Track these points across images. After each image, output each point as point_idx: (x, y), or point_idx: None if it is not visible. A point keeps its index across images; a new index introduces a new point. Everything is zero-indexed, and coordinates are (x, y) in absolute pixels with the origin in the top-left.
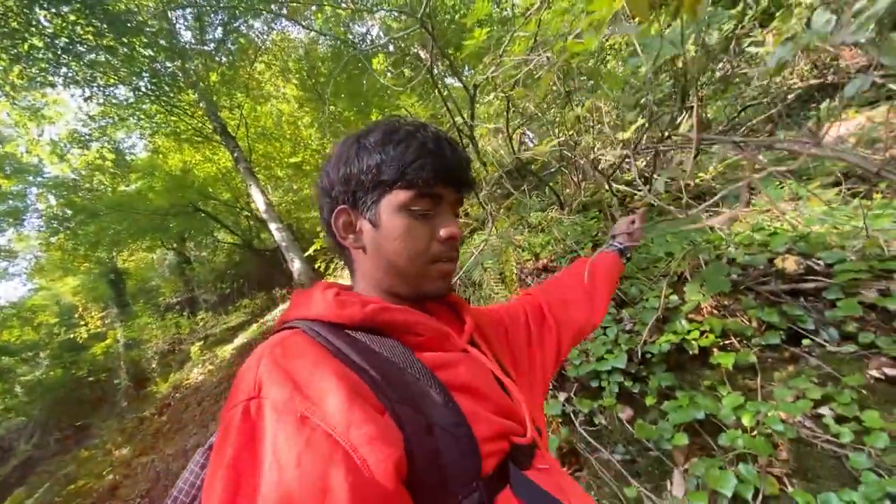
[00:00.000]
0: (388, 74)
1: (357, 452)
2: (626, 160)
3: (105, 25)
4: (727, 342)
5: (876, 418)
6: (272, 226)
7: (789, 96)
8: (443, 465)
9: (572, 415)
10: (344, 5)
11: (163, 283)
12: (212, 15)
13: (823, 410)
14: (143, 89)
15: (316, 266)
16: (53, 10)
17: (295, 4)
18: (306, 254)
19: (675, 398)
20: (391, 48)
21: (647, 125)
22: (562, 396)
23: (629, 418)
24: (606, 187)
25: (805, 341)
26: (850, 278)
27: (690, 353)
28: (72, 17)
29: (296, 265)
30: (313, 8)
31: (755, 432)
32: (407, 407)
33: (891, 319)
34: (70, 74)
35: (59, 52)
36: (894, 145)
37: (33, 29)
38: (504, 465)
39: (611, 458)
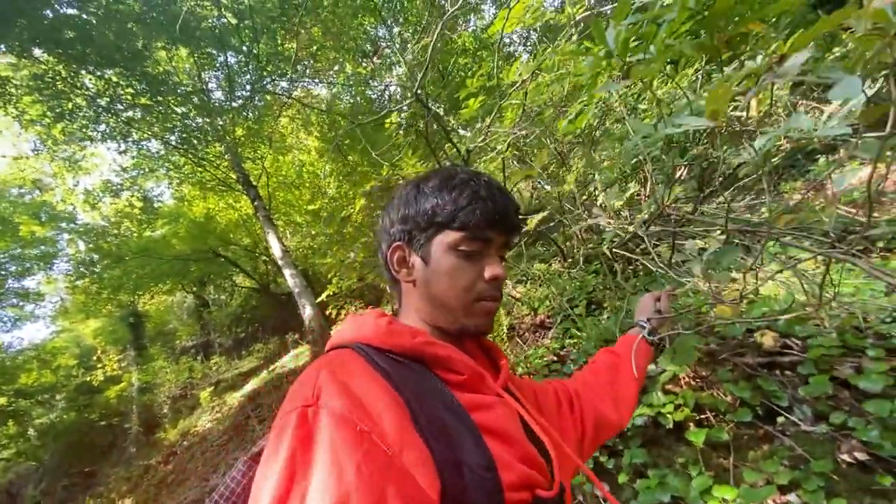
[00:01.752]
0: (400, 132)
1: (409, 473)
2: (635, 237)
3: (143, 86)
4: (703, 416)
5: None
6: (287, 272)
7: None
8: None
9: None
10: (364, 64)
11: (180, 325)
12: (241, 75)
13: (791, 497)
14: (174, 143)
15: (327, 312)
16: (98, 73)
17: (319, 66)
18: (318, 300)
19: (647, 476)
20: (404, 110)
21: (650, 198)
22: None
23: (603, 497)
24: (606, 252)
25: (780, 419)
26: (822, 353)
27: (666, 427)
28: (114, 79)
29: (307, 311)
30: (336, 68)
31: None
32: (440, 442)
33: (864, 399)
34: (108, 130)
35: (99, 110)
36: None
37: (77, 90)
38: None
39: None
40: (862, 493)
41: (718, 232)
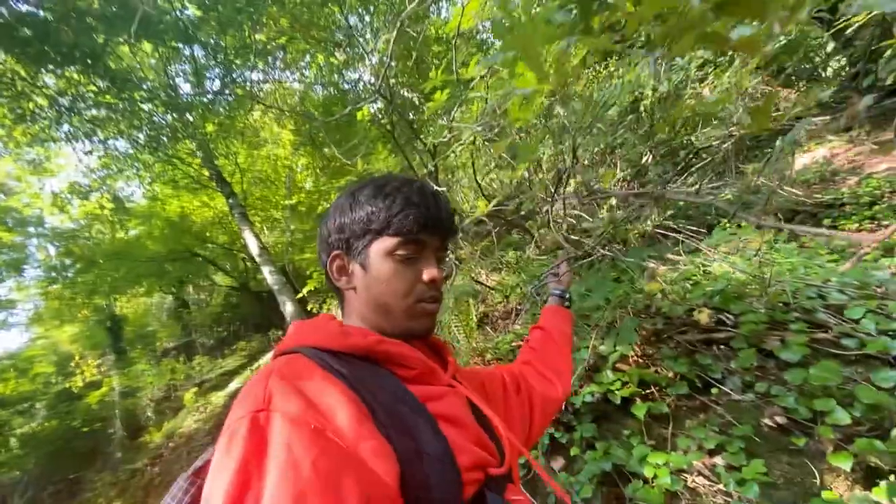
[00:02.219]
0: (371, 125)
1: (366, 465)
2: (576, 208)
3: (107, 83)
4: (647, 391)
5: (759, 466)
6: (265, 269)
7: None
8: (430, 489)
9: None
10: (336, 55)
11: (160, 327)
12: (209, 69)
13: (718, 459)
14: (142, 141)
15: (308, 308)
16: (58, 72)
17: (290, 57)
18: (298, 296)
19: (594, 448)
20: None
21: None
22: None
23: (561, 468)
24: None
25: (714, 390)
26: (751, 329)
27: (615, 403)
28: (75, 77)
29: (288, 308)
30: (308, 58)
31: (654, 483)
32: (400, 433)
33: (785, 368)
34: (72, 130)
35: (61, 110)
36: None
37: (38, 89)
38: (481, 493)
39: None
40: (780, 452)
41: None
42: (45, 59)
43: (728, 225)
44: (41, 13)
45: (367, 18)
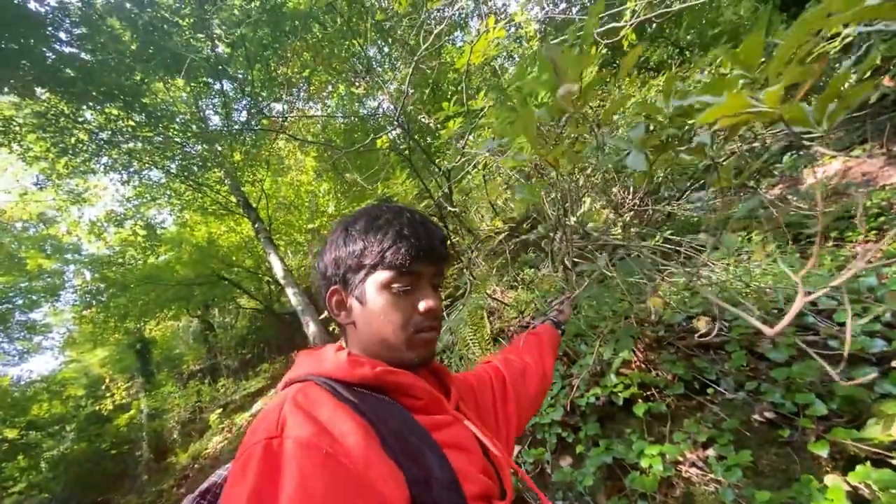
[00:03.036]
0: (390, 154)
1: (375, 488)
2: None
3: (143, 117)
4: (648, 393)
5: (747, 456)
6: (289, 291)
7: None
8: None
9: (523, 465)
10: (357, 84)
11: (187, 350)
12: (237, 102)
13: (710, 451)
14: (174, 170)
15: (330, 328)
16: (98, 109)
17: (312, 88)
18: (321, 317)
19: (598, 446)
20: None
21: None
22: (515, 448)
23: (568, 465)
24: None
25: (710, 390)
26: (740, 333)
27: (618, 404)
28: (115, 113)
29: (311, 328)
30: (329, 88)
31: (650, 473)
32: (409, 460)
33: (774, 367)
34: (109, 162)
35: (101, 144)
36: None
37: (79, 125)
38: None
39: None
40: (769, 444)
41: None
42: (87, 97)
43: (741, 238)
44: (83, 55)
45: (386, 49)
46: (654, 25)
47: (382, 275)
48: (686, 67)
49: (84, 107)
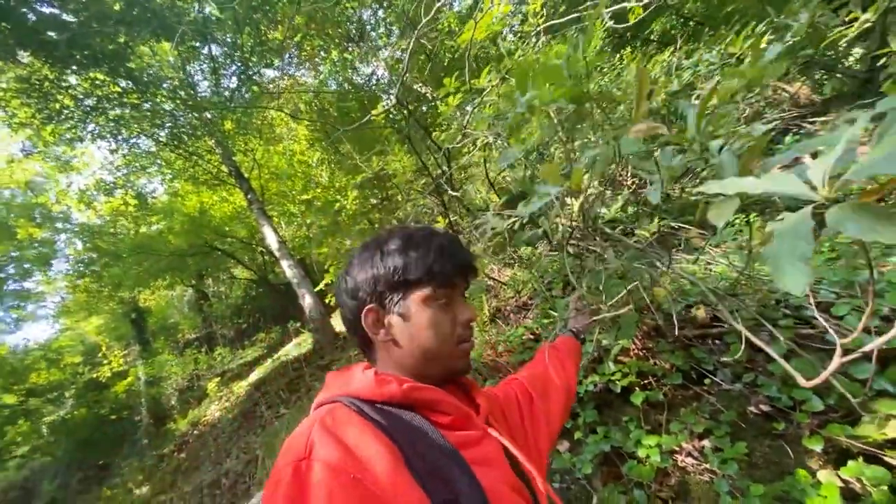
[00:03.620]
0: (388, 123)
1: None
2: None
3: (129, 83)
4: (646, 381)
5: (742, 448)
6: (284, 263)
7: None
8: None
9: None
10: (350, 49)
11: (182, 319)
12: (227, 67)
13: (706, 442)
14: (164, 139)
15: (326, 300)
16: (83, 73)
17: (304, 53)
18: (317, 289)
19: (596, 433)
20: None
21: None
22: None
23: (566, 450)
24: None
25: (707, 381)
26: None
27: (615, 391)
28: (100, 78)
29: (307, 300)
30: (322, 54)
31: (647, 463)
32: (435, 482)
33: (771, 361)
34: (97, 129)
35: (87, 110)
36: None
37: (63, 91)
38: None
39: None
40: (763, 437)
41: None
42: (71, 62)
43: (735, 223)
44: (65, 16)
45: (381, 13)
46: None
47: (426, 290)
48: (691, 43)
49: (68, 71)
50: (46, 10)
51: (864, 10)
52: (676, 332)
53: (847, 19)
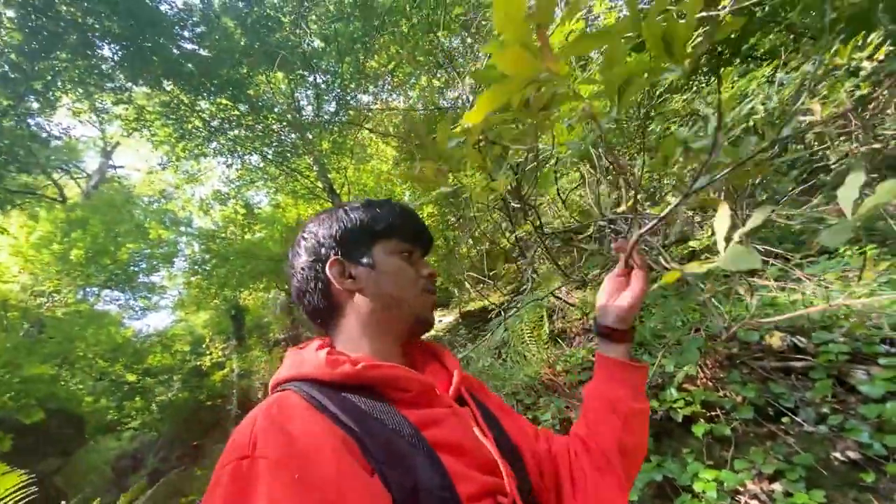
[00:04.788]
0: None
1: None
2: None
3: (247, 107)
4: (713, 413)
5: (819, 497)
6: None
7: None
8: None
9: None
10: (438, 76)
11: (274, 320)
12: (328, 93)
13: (776, 486)
14: (271, 156)
15: None
16: (211, 99)
17: (397, 80)
18: None
19: (650, 461)
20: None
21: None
22: None
23: None
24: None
25: (785, 419)
26: (828, 359)
27: (676, 420)
28: (224, 103)
29: None
30: (412, 80)
31: (703, 499)
32: (393, 469)
33: (865, 402)
34: (218, 147)
35: (212, 130)
36: None
37: (196, 114)
38: None
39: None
40: (847, 487)
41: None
42: (203, 89)
43: (843, 254)
44: (201, 51)
45: (469, 40)
46: (766, 7)
47: (393, 241)
48: (794, 56)
49: (200, 97)
50: (188, 45)
51: None
52: (752, 363)
53: None
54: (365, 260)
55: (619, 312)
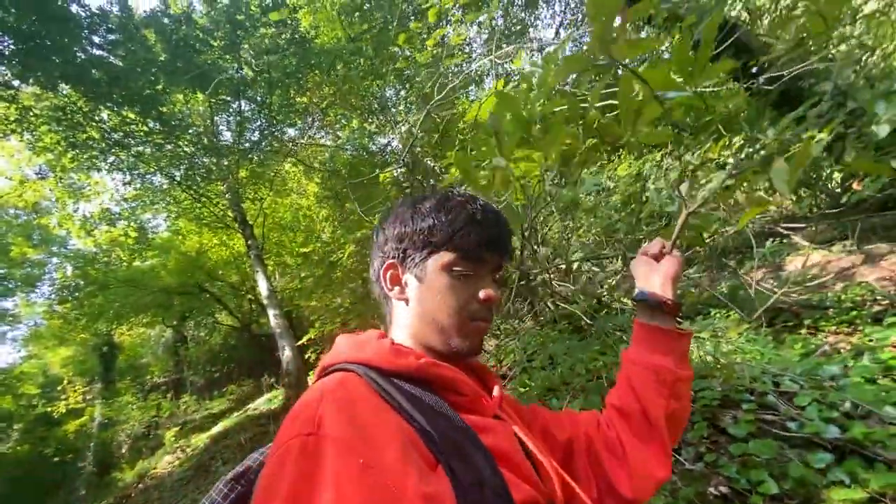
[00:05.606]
0: (395, 186)
1: None
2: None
3: (157, 125)
4: None
5: None
6: (271, 312)
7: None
8: None
9: None
10: (370, 121)
11: (154, 360)
12: (252, 122)
13: None
14: (178, 178)
15: (306, 357)
16: (116, 110)
17: (328, 119)
18: (298, 343)
19: None
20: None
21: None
22: None
23: None
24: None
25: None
26: (704, 405)
27: None
28: (131, 116)
29: (286, 353)
30: (343, 121)
31: None
32: (459, 462)
33: (733, 442)
34: (116, 162)
35: (111, 143)
36: None
37: (94, 123)
38: None
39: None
40: None
41: None
42: (107, 99)
43: (718, 315)
44: (112, 59)
45: (403, 93)
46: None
47: (447, 256)
48: (676, 148)
49: (101, 107)
50: (96, 51)
51: (820, 131)
52: None
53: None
54: (417, 271)
55: (664, 280)
